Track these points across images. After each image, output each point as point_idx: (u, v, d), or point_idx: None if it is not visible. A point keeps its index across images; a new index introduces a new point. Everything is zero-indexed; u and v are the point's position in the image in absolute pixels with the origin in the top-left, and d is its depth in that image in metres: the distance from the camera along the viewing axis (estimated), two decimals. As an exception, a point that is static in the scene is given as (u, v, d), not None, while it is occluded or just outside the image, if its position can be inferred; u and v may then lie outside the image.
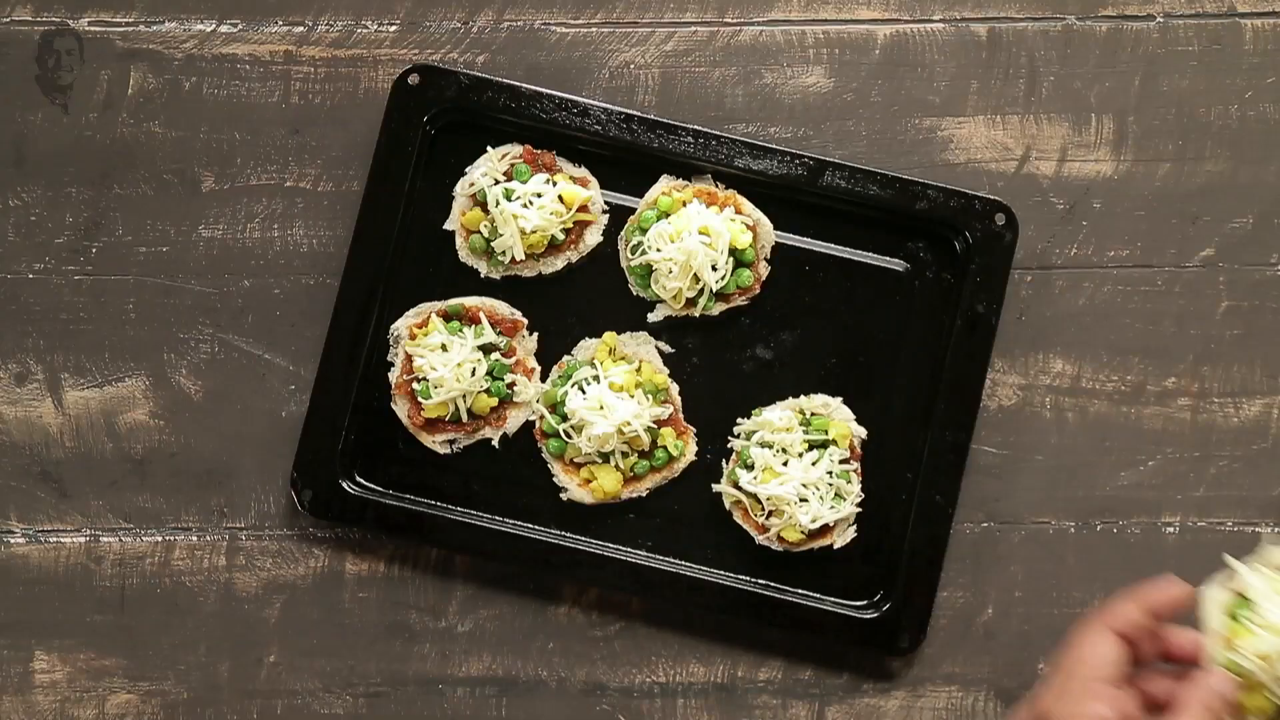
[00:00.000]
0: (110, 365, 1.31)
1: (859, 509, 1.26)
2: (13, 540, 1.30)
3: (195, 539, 1.31)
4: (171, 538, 1.31)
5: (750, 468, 1.25)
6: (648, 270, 1.27)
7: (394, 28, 1.32)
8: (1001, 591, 1.30)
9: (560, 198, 1.26)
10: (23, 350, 1.31)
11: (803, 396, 1.27)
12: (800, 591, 1.28)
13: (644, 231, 1.26)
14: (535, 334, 1.29)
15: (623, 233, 1.28)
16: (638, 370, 1.27)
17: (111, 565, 1.30)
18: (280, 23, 1.32)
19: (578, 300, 1.30)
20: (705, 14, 1.33)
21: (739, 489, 1.25)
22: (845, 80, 1.32)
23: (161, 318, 1.31)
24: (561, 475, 1.28)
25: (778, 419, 1.26)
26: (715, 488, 1.28)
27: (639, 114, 1.28)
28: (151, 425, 1.31)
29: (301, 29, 1.32)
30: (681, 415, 1.28)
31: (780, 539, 1.25)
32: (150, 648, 1.30)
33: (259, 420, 1.31)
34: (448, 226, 1.28)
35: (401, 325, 1.28)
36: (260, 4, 1.32)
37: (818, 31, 1.33)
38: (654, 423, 1.26)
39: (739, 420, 1.28)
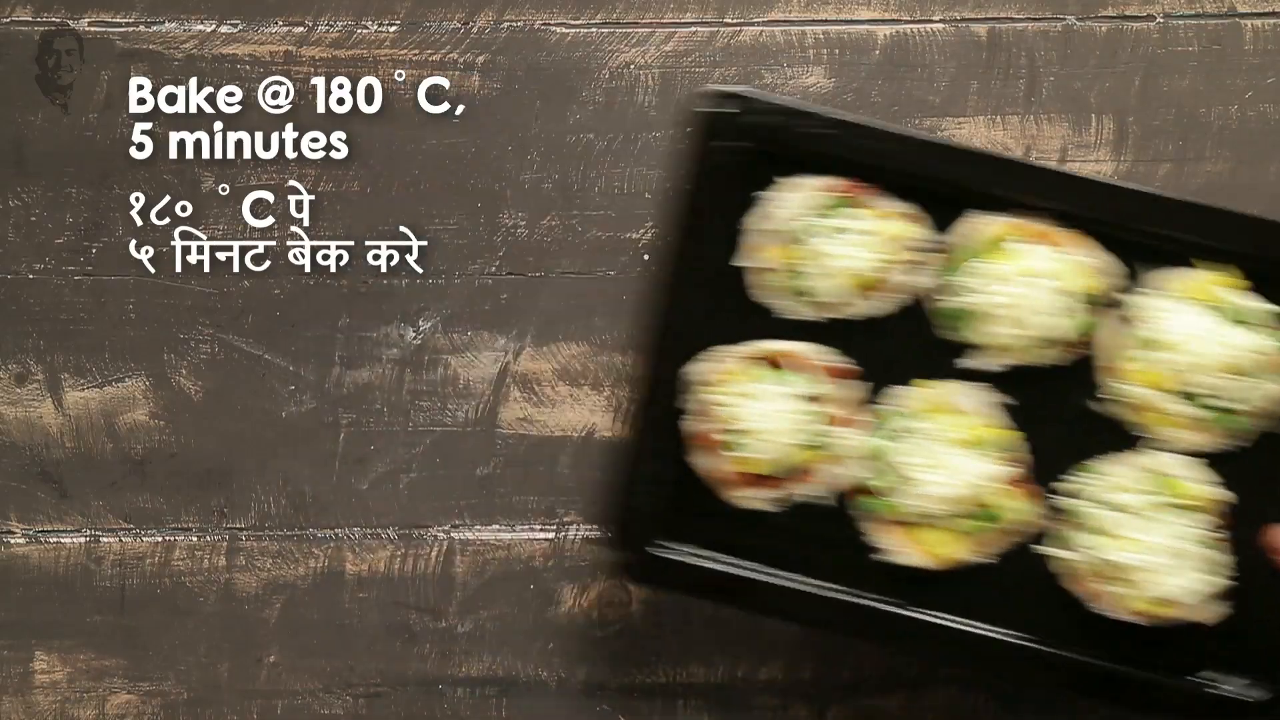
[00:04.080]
0: (110, 365, 1.31)
1: (1232, 581, 1.14)
2: (13, 540, 1.30)
3: (195, 539, 1.31)
4: (171, 538, 1.31)
5: (1088, 529, 1.13)
6: (971, 314, 1.15)
7: (394, 28, 1.32)
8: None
9: (882, 236, 1.16)
10: (23, 350, 1.31)
11: (1149, 452, 1.15)
12: (1156, 668, 1.16)
13: (965, 272, 1.15)
14: (856, 381, 1.18)
15: (941, 272, 1.17)
16: (976, 424, 1.15)
17: (111, 565, 1.30)
18: (280, 23, 1.32)
19: (893, 345, 1.18)
20: (705, 14, 1.33)
21: (1076, 552, 1.13)
22: (845, 80, 1.32)
23: (161, 318, 1.31)
24: (884, 536, 1.15)
25: (1123, 477, 1.14)
26: (1045, 551, 1.16)
27: (954, 144, 1.20)
28: (151, 425, 1.31)
29: (301, 29, 1.32)
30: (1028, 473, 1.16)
31: (1128, 608, 1.13)
32: (150, 648, 1.30)
33: (259, 420, 1.31)
34: (743, 263, 1.18)
35: (702, 370, 1.17)
36: (260, 4, 1.32)
37: (818, 31, 1.33)
38: (1000, 482, 1.14)
39: (1067, 476, 1.16)
